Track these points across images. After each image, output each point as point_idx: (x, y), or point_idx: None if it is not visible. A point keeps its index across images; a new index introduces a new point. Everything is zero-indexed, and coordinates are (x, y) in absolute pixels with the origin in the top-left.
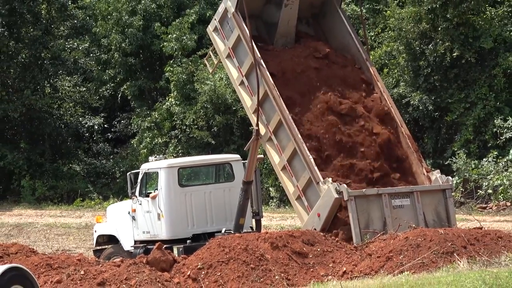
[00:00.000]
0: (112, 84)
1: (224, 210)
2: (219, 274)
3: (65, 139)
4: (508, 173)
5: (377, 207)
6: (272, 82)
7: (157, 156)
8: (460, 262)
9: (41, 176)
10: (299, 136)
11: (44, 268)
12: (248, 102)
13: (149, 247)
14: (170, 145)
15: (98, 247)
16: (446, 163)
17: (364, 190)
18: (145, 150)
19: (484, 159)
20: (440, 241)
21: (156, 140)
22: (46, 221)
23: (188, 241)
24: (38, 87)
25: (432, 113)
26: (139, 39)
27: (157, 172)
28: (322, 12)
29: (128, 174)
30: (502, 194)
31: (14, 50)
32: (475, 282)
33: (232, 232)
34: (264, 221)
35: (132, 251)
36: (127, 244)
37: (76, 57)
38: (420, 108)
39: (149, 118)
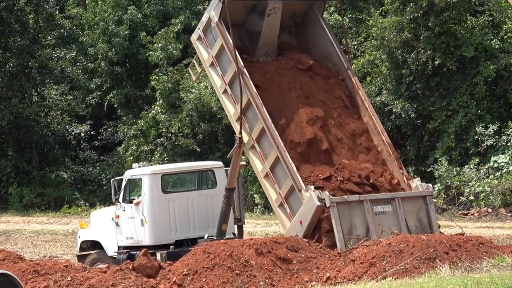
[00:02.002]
0: (99, 93)
1: (206, 216)
2: (204, 280)
3: (52, 147)
4: (489, 180)
5: (359, 213)
6: (255, 91)
7: (142, 163)
8: (442, 268)
9: (29, 184)
10: (282, 144)
11: (31, 274)
12: (231, 110)
13: (132, 252)
14: (156, 152)
15: (81, 253)
16: (428, 170)
17: (345, 196)
18: (131, 158)
19: (465, 166)
20: (423, 247)
21: (142, 147)
22: (34, 228)
23: (171, 247)
24: (26, 95)
25: (414, 121)
26: (125, 48)
27: (141, 179)
28: (304, 22)
29: (112, 180)
30: (483, 201)
31: (2, 59)
32: None
33: (215, 238)
34: (249, 228)
35: (116, 256)
36: (111, 250)
37: (63, 66)
38: (403, 115)
39: (135, 126)
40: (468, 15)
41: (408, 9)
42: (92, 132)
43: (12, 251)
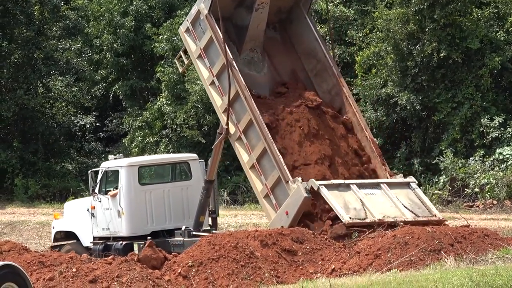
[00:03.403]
0: (104, 84)
1: (182, 208)
2: (209, 271)
3: (57, 138)
4: (494, 172)
5: (349, 193)
6: (244, 83)
7: (118, 155)
8: (447, 259)
9: (34, 175)
10: (269, 136)
11: (36, 265)
12: (218, 101)
13: (108, 243)
14: (161, 144)
15: (55, 243)
16: (434, 162)
17: (331, 180)
18: (136, 149)
19: (471, 158)
20: (428, 239)
21: (147, 139)
22: (39, 219)
23: (148, 238)
24: (31, 87)
25: (419, 113)
26: (130, 40)
27: (118, 170)
28: (290, 18)
29: (89, 172)
30: (488, 193)
31: (7, 51)
32: (462, 280)
33: (192, 229)
34: (254, 219)
35: (92, 247)
36: (86, 240)
37: (69, 57)
38: (408, 107)
39: (140, 117)
40: (473, 7)
41: (413, 1)
42: (97, 124)
43: (18, 243)
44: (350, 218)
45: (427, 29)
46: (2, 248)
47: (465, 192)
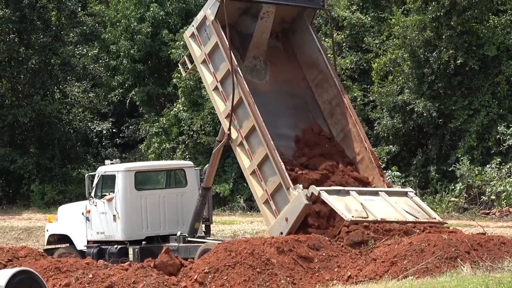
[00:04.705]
0: (121, 90)
1: (176, 214)
2: (225, 278)
3: (74, 144)
4: (510, 179)
5: (349, 198)
6: (248, 89)
7: (115, 160)
8: (464, 267)
9: (50, 181)
10: (272, 142)
11: (53, 271)
12: (221, 107)
13: (103, 247)
14: (178, 150)
15: (49, 246)
16: (450, 169)
17: (331, 187)
18: (153, 155)
19: (487, 166)
20: (444, 246)
21: (163, 145)
22: None
23: (143, 242)
24: (48, 92)
25: (436, 120)
26: (147, 46)
27: (115, 175)
28: (293, 28)
29: (86, 175)
30: (505, 200)
31: (24, 56)
32: (478, 287)
33: (187, 235)
34: (264, 226)
35: (86, 250)
36: (80, 244)
37: (85, 63)
38: (424, 114)
39: (157, 123)
40: (490, 14)
41: (430, 8)
42: (114, 130)
43: (34, 248)
44: (353, 216)
45: (444, 36)
46: (19, 253)
47: (482, 199)
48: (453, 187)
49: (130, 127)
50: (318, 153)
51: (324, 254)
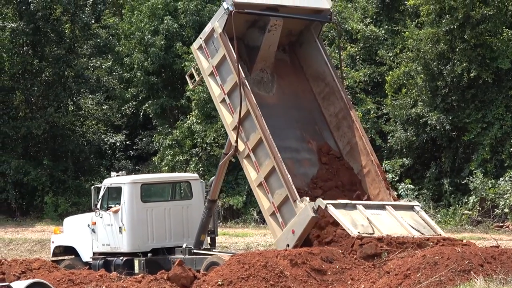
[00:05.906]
0: (134, 102)
1: (182, 226)
2: None
3: (87, 156)
4: None
5: (356, 212)
6: (255, 102)
7: (120, 172)
8: (477, 280)
9: (64, 193)
10: (279, 155)
11: (66, 283)
12: (228, 119)
13: (109, 259)
14: (191, 162)
15: (54, 258)
16: (463, 182)
17: (338, 200)
18: (166, 168)
19: (501, 179)
20: (458, 259)
21: (177, 157)
22: None
23: (148, 254)
24: (62, 104)
25: (449, 133)
26: (161, 58)
27: (121, 187)
28: (300, 41)
29: (92, 187)
30: None
31: (38, 69)
32: None
33: (193, 247)
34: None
35: (91, 262)
36: (86, 256)
37: (99, 75)
38: (438, 127)
39: (170, 136)
40: (504, 27)
41: (444, 21)
42: (127, 142)
43: (47, 260)
44: (359, 232)
45: (457, 49)
46: (32, 265)
47: (495, 212)
48: (466, 200)
49: (144, 139)
50: (334, 185)
51: (337, 267)
